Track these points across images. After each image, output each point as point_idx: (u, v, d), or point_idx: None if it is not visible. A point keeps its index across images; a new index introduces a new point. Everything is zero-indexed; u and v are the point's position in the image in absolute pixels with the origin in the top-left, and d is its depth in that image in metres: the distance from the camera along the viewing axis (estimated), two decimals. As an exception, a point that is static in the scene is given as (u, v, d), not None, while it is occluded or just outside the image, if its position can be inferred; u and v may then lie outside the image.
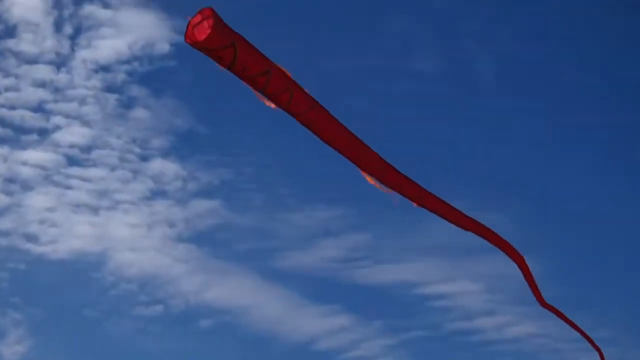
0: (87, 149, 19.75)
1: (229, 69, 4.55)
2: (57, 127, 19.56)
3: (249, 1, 20.56)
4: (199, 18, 4.33)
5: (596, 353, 9.81)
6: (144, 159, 20.04)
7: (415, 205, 6.32)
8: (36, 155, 19.44)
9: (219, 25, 4.28)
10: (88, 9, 19.68)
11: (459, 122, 20.96)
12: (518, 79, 21.00)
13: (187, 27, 4.35)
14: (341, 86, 20.23)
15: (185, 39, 4.36)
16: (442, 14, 20.84)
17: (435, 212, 6.60)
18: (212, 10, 4.35)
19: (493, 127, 21.11)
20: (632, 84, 20.34)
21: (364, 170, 5.62)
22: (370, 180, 5.76)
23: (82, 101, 19.72)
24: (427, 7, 20.74)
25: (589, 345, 9.53)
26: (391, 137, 20.27)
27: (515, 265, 8.07)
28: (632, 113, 20.37)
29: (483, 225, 7.11)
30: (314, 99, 5.00)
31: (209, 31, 4.26)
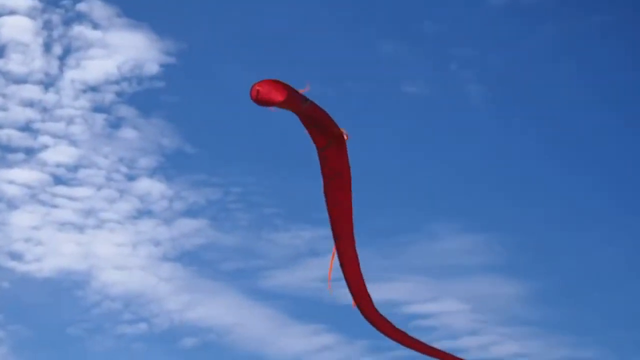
0: (74, 168, 19.77)
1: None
2: (44, 147, 19.58)
3: (232, 32, 21.04)
4: (272, 89, 4.42)
5: None
6: (131, 178, 20.06)
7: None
8: (22, 174, 19.44)
9: (286, 103, 4.44)
10: (77, 29, 19.84)
11: (448, 144, 21.04)
12: (507, 102, 21.24)
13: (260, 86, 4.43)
14: (335, 109, 20.84)
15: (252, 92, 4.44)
16: (430, 40, 21.09)
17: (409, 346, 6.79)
18: (284, 89, 4.45)
19: (483, 148, 21.26)
20: (624, 102, 20.67)
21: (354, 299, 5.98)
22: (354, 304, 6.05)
23: (70, 121, 19.79)
24: (418, 32, 21.03)
25: None
26: (383, 159, 20.62)
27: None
28: (624, 127, 20.65)
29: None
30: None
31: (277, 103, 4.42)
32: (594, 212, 20.25)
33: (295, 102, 4.48)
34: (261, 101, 4.39)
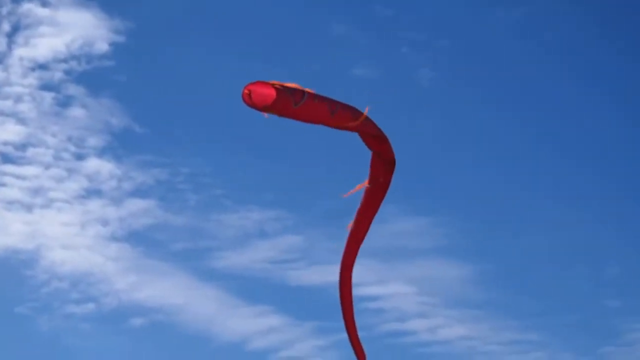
0: (22, 146, 19.72)
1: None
2: None
3: (183, 10, 20.91)
4: (263, 90, 4.53)
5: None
6: (79, 157, 20.04)
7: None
8: None
9: (279, 100, 4.52)
10: (26, 7, 19.69)
11: (398, 125, 20.33)
12: (455, 85, 21.41)
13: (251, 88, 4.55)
14: None
15: (244, 95, 4.56)
16: (381, 24, 21.18)
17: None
18: (277, 89, 4.57)
19: (429, 131, 21.38)
20: (569, 84, 21.12)
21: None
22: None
23: (18, 99, 19.71)
24: (369, 15, 21.12)
25: None
26: (332, 141, 19.57)
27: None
28: (571, 110, 21.06)
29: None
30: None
31: (265, 106, 4.51)
32: (534, 198, 20.59)
33: (286, 105, 4.56)
34: (252, 105, 4.51)
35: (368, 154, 5.72)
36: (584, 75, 21.59)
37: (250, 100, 4.55)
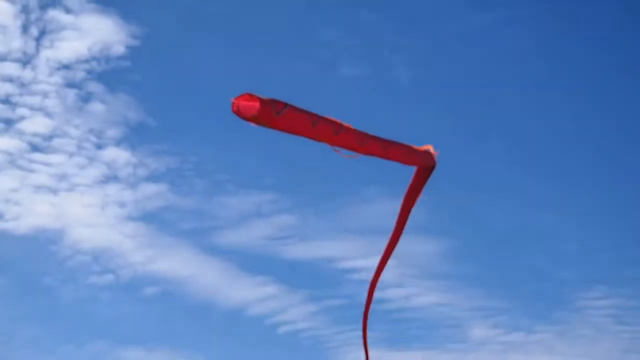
0: (49, 137, 20.23)
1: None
2: (22, 118, 20.06)
3: (191, 17, 21.62)
4: (249, 102, 4.77)
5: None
6: (99, 147, 20.68)
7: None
8: (3, 142, 19.95)
9: (263, 111, 4.77)
10: (52, 13, 20.15)
11: (380, 117, 21.45)
12: (430, 83, 22.18)
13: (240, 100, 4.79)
14: (282, 86, 20.47)
15: (233, 107, 4.81)
16: (366, 28, 21.89)
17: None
18: (259, 102, 4.78)
19: (408, 123, 21.66)
20: (532, 82, 22.11)
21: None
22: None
23: (45, 95, 20.21)
24: (355, 20, 21.81)
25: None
26: None
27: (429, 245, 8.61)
28: (532, 103, 22.03)
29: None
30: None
31: (250, 116, 4.76)
32: (504, 178, 21.56)
33: (269, 114, 4.79)
34: (240, 115, 4.78)
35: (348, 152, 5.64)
36: (545, 79, 22.34)
37: (238, 112, 4.75)
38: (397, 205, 7.28)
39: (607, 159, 22.34)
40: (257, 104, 4.66)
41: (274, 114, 4.77)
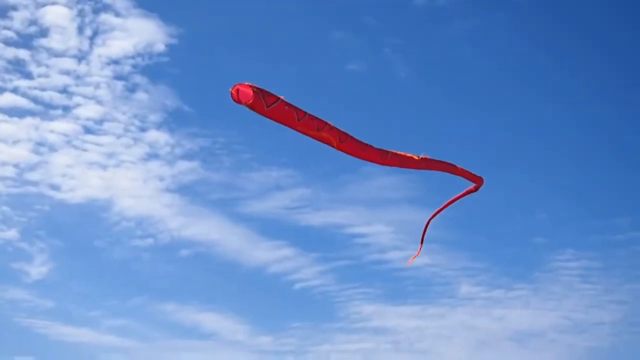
0: (100, 121, 21.52)
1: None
2: (77, 105, 21.34)
3: (220, 21, 23.02)
4: (245, 90, 4.96)
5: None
6: (143, 130, 21.85)
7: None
8: (60, 125, 21.24)
9: (253, 104, 4.99)
10: (104, 17, 21.55)
11: (381, 107, 23.54)
12: (426, 78, 23.77)
13: (239, 88, 5.02)
14: (296, 82, 22.55)
15: (232, 94, 5.06)
16: (369, 29, 23.39)
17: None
18: (253, 91, 4.99)
19: (407, 111, 23.78)
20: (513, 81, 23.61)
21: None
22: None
23: (97, 86, 21.53)
24: (360, 24, 23.22)
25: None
26: (330, 117, 21.85)
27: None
28: (542, 103, 23.26)
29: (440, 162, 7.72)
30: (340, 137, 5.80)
31: (244, 103, 4.96)
32: (481, 161, 22.76)
33: (260, 105, 4.93)
34: (237, 101, 4.92)
35: (352, 134, 5.76)
36: (519, 75, 23.88)
37: (236, 97, 4.80)
38: (393, 180, 8.21)
39: (573, 143, 23.58)
40: (252, 94, 4.77)
41: (264, 106, 4.87)
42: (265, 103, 4.99)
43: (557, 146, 23.47)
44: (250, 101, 4.90)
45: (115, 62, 21.42)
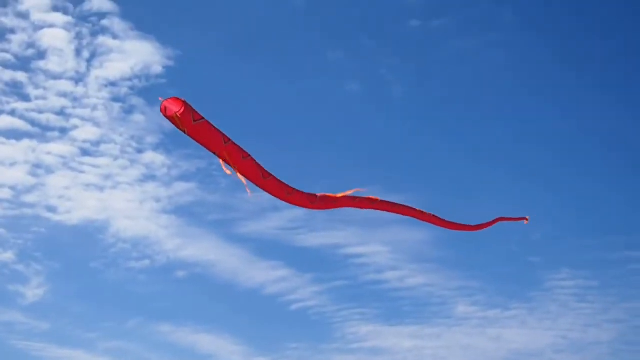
0: (97, 143, 21.43)
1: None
2: (75, 127, 21.29)
3: (217, 42, 22.96)
4: (175, 102, 5.01)
5: None
6: (139, 151, 21.78)
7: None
8: (57, 147, 21.16)
9: (182, 116, 5.01)
10: (101, 39, 21.58)
11: (379, 127, 23.65)
12: (419, 98, 23.92)
13: (168, 101, 5.09)
14: (295, 101, 22.83)
15: (161, 106, 5.13)
16: (365, 50, 23.59)
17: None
18: (183, 104, 5.06)
19: (400, 130, 23.84)
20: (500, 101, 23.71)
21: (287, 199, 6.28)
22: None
23: (94, 108, 21.48)
24: (357, 44, 23.52)
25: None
26: (329, 135, 23.08)
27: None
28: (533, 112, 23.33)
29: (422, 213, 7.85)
30: (261, 172, 5.78)
31: (174, 113, 5.01)
32: (479, 181, 22.88)
33: (187, 119, 5.03)
34: (166, 115, 5.02)
35: (350, 151, 6.59)
36: (516, 93, 24.02)
37: (164, 111, 4.92)
38: (391, 201, 8.13)
39: (569, 162, 23.62)
40: (182, 108, 4.87)
41: (192, 121, 5.00)
42: (193, 117, 5.09)
43: (552, 165, 23.56)
44: (181, 111, 4.98)
45: (113, 84, 21.40)
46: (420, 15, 22.75)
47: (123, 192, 21.53)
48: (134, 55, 21.70)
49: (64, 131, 21.25)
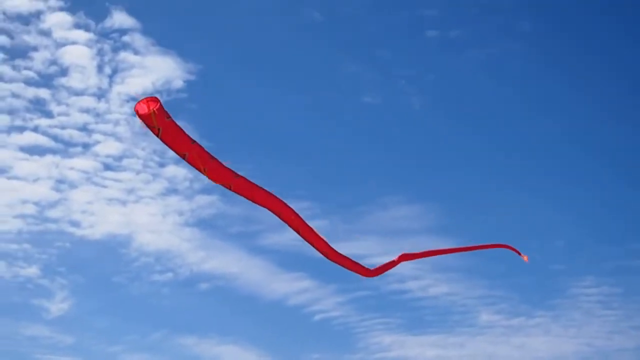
0: (119, 158, 22.08)
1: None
2: (97, 142, 21.99)
3: (237, 56, 23.68)
4: (151, 102, 5.25)
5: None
6: (162, 165, 22.62)
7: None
8: (81, 162, 21.85)
9: (158, 111, 5.35)
10: (123, 55, 22.34)
11: (397, 139, 24.19)
12: (439, 109, 24.57)
13: (142, 101, 5.37)
14: (312, 113, 23.31)
15: (136, 106, 5.39)
16: (383, 62, 24.29)
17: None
18: (159, 101, 5.39)
19: (420, 143, 24.49)
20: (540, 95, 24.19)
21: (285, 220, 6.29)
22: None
23: (116, 123, 22.24)
24: (374, 57, 24.17)
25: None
26: (348, 150, 23.63)
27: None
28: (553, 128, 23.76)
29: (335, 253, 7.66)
30: (230, 172, 5.95)
31: (145, 112, 5.26)
32: (498, 191, 23.48)
33: (161, 116, 5.32)
34: (139, 113, 5.30)
35: (368, 166, 6.58)
36: (535, 104, 24.65)
37: (139, 109, 5.39)
38: (410, 210, 8.41)
39: (590, 170, 24.30)
40: (157, 101, 5.17)
41: (165, 117, 5.19)
42: (166, 114, 5.34)
43: (573, 174, 24.05)
44: (157, 106, 5.19)
45: (134, 99, 21.45)
46: (437, 26, 23.57)
47: (146, 206, 21.92)
48: (155, 70, 22.27)
49: (86, 146, 21.87)
